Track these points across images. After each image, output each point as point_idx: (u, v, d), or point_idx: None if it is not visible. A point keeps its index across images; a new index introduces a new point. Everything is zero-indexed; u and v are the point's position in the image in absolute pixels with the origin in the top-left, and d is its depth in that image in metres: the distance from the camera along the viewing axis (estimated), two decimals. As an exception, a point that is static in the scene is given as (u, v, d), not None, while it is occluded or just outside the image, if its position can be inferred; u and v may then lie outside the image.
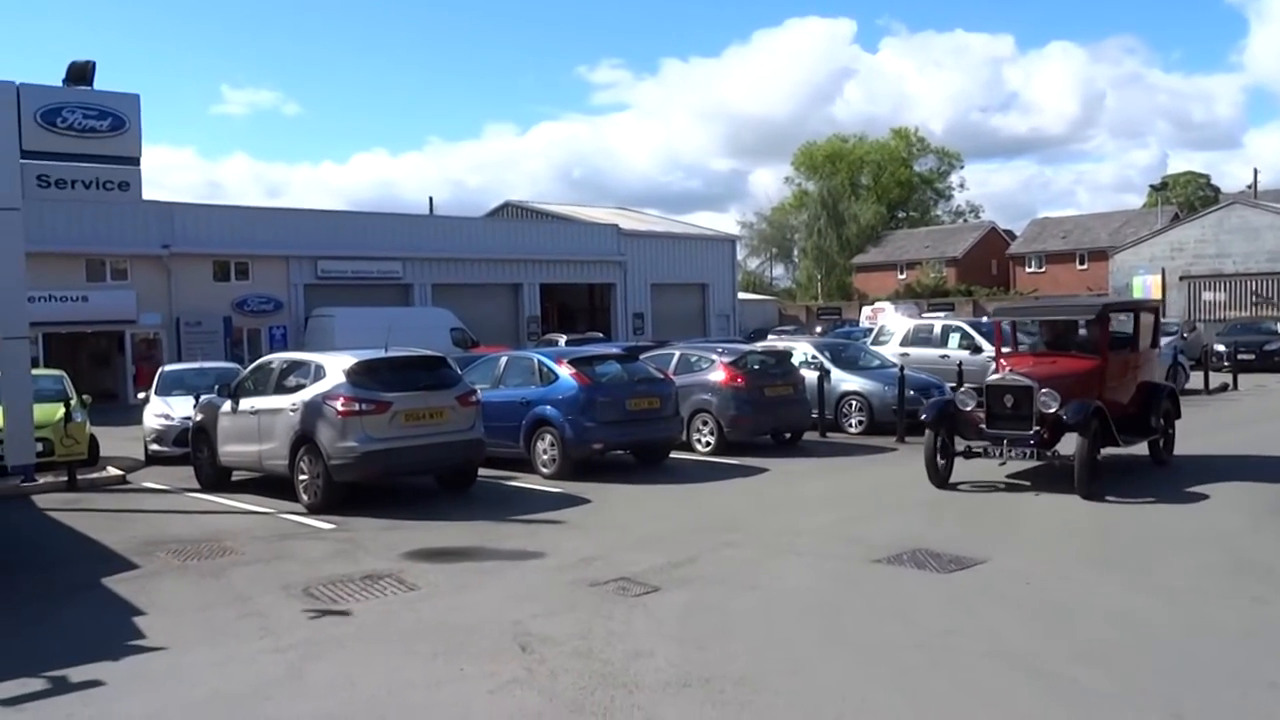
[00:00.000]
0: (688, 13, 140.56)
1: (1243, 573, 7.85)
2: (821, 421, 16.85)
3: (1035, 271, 63.70)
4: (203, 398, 14.01)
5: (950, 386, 14.68)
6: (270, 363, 13.26)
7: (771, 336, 34.27)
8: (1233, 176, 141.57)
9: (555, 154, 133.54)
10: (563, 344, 28.39)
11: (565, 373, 13.63)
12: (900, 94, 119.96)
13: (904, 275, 68.14)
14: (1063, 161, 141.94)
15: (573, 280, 42.92)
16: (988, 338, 19.81)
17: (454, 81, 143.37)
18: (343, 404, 11.21)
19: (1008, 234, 72.29)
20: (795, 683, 5.71)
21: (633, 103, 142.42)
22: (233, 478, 13.39)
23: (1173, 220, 50.42)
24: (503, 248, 39.90)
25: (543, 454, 13.46)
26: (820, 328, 46.40)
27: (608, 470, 13.66)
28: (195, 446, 13.58)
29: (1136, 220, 60.21)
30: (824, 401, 16.92)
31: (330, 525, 10.62)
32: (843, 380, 17.51)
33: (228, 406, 12.81)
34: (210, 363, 20.54)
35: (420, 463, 11.83)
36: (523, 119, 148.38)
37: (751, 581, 7.98)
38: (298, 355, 13.47)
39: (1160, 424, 12.56)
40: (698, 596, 7.55)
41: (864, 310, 48.68)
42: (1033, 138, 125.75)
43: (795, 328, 51.05)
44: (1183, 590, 7.43)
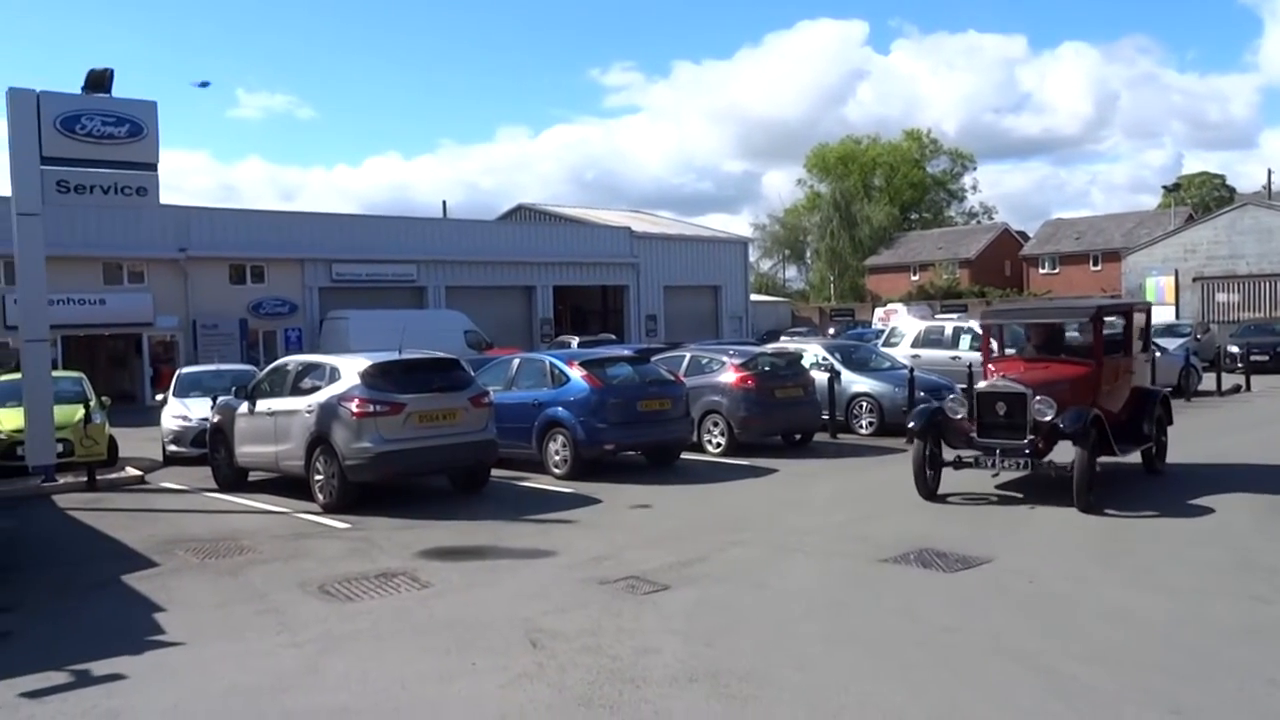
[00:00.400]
0: (699, 15, 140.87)
1: (1245, 572, 7.92)
2: (832, 423, 16.94)
3: (1049, 273, 63.59)
4: (220, 399, 14.19)
5: (960, 388, 14.58)
6: (286, 365, 13.43)
7: (784, 338, 34.36)
8: (1248, 177, 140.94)
9: (568, 156, 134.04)
10: (575, 346, 28.57)
11: (577, 375, 13.77)
12: (913, 95, 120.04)
13: (917, 277, 68.08)
14: (1077, 162, 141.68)
15: (585, 282, 43.09)
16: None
17: (466, 85, 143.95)
18: (357, 405, 11.38)
19: (1021, 235, 72.18)
20: (800, 678, 5.82)
21: (645, 105, 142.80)
22: (249, 478, 13.57)
23: (1186, 221, 50.28)
24: (516, 250, 40.10)
25: (554, 455, 13.59)
26: (833, 329, 46.43)
27: (619, 471, 13.79)
28: (213, 447, 13.76)
29: (1151, 221, 60.03)
30: (834, 403, 17.01)
31: (345, 525, 10.78)
32: (853, 382, 17.60)
33: (244, 408, 12.99)
34: (227, 365, 20.80)
35: (433, 463, 11.98)
36: (535, 122, 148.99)
37: (759, 580, 8.09)
38: (313, 357, 13.66)
39: (1153, 431, 12.09)
40: (706, 594, 7.67)
41: (877, 312, 48.72)
42: (1046, 138, 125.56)
43: (808, 329, 51.13)
44: (1185, 589, 7.51)
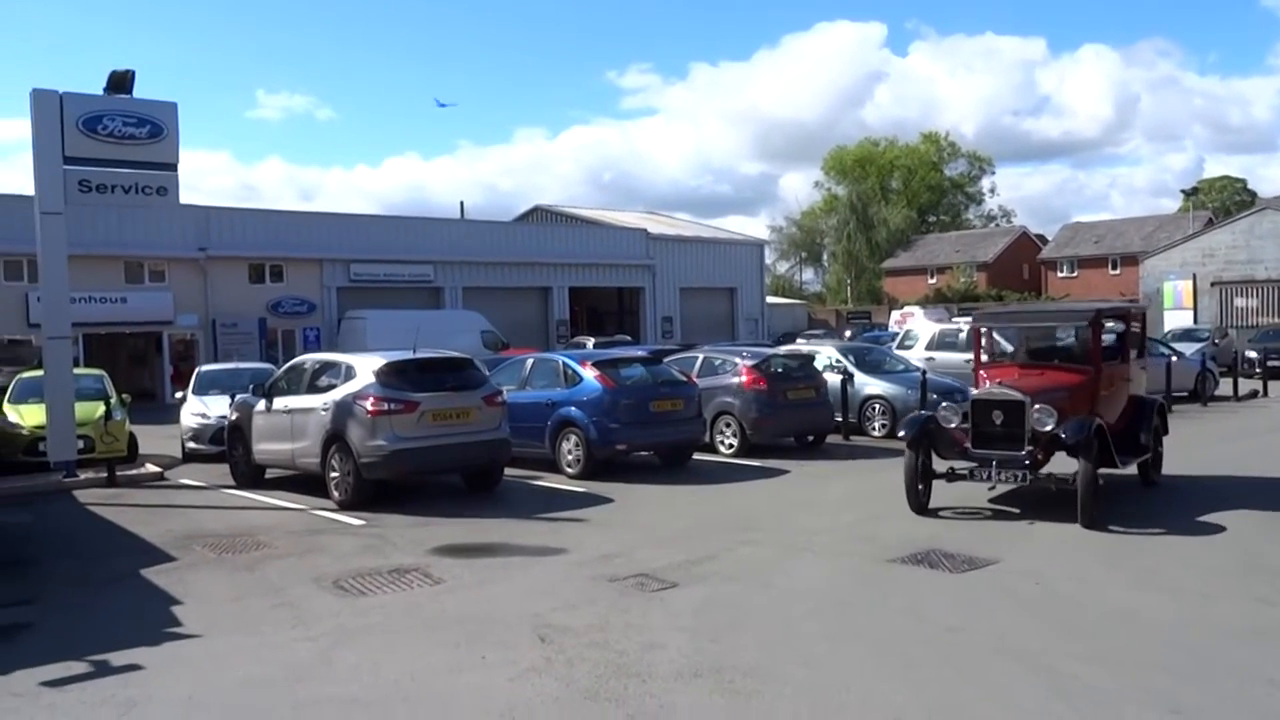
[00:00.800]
0: (717, 17, 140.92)
1: (1251, 575, 7.94)
2: (845, 425, 17.00)
3: (1067, 276, 63.34)
4: (238, 397, 14.36)
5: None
6: (303, 363, 13.60)
7: (800, 340, 34.38)
8: (1270, 180, 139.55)
9: (585, 158, 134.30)
10: (591, 347, 28.67)
11: (590, 375, 13.87)
12: (931, 97, 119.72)
13: (934, 280, 67.93)
14: (1097, 165, 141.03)
15: (602, 284, 43.20)
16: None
17: (484, 86, 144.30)
18: (372, 404, 11.52)
19: (1040, 238, 71.90)
20: (803, 674, 5.90)
21: (662, 107, 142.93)
22: (266, 475, 13.73)
23: (1206, 225, 49.98)
24: (532, 251, 40.26)
25: (567, 454, 13.70)
26: (849, 332, 46.39)
27: (631, 471, 13.88)
28: (230, 444, 13.94)
29: (1171, 225, 59.71)
30: (847, 405, 17.06)
31: (360, 521, 10.92)
32: (866, 384, 17.63)
33: (262, 406, 13.15)
34: (245, 363, 21.03)
35: (447, 461, 12.10)
36: (553, 123, 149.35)
37: (767, 579, 8.17)
38: (329, 356, 13.81)
39: (1150, 442, 11.52)
40: (714, 592, 7.76)
41: (893, 314, 48.62)
42: (1066, 141, 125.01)
43: (824, 331, 51.06)
44: (1190, 591, 7.55)
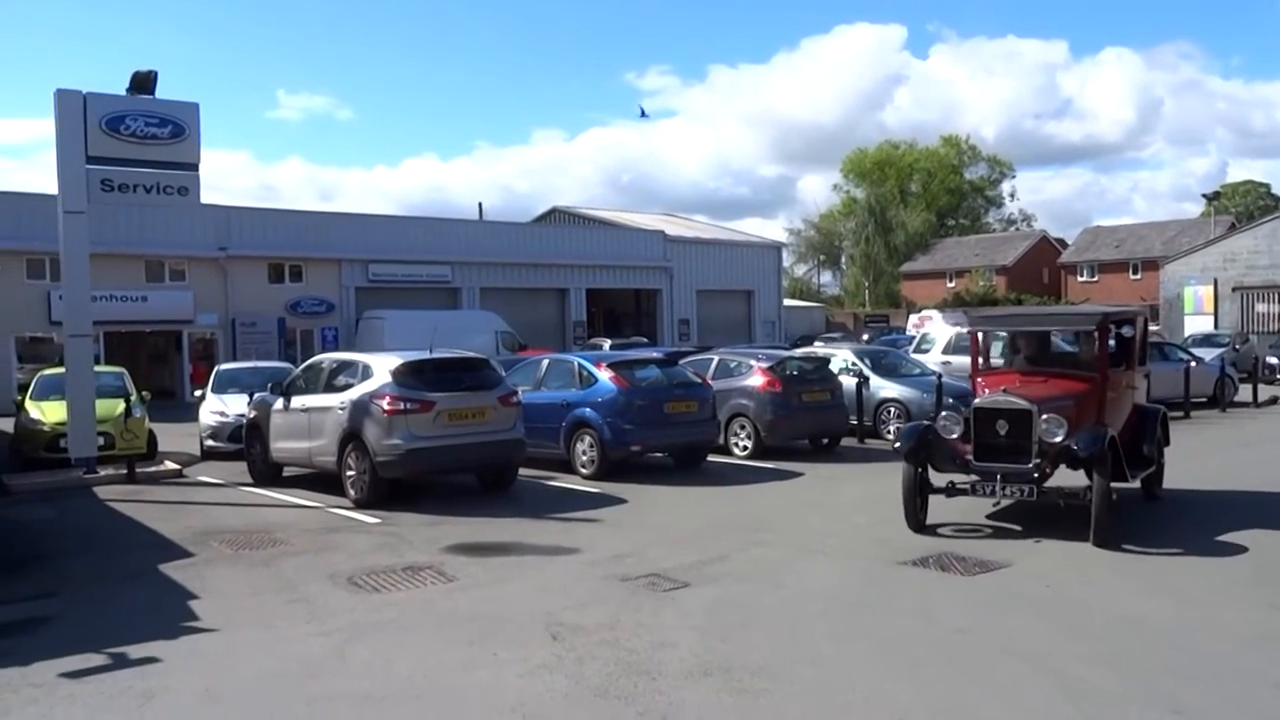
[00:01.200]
0: (735, 19, 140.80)
1: (1264, 584, 7.90)
2: (860, 428, 17.00)
3: (1087, 281, 63.02)
4: (256, 396, 14.49)
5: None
6: (321, 363, 13.72)
7: (818, 343, 34.36)
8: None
9: (603, 159, 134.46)
10: (607, 348, 28.75)
11: (605, 376, 13.94)
12: (951, 100, 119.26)
13: (953, 283, 67.66)
14: (1119, 169, 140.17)
15: (619, 285, 43.27)
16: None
17: (503, 88, 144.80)
18: (389, 403, 11.61)
19: (1060, 243, 71.53)
20: (811, 673, 5.94)
21: (681, 109, 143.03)
22: (284, 473, 13.85)
23: (1229, 230, 49.65)
24: (550, 253, 40.36)
25: (582, 455, 13.77)
26: (866, 335, 46.30)
27: (645, 472, 13.93)
28: (248, 442, 14.07)
29: (1192, 230, 59.28)
30: (862, 408, 17.07)
31: (375, 520, 11.02)
32: (881, 387, 17.62)
33: (280, 404, 13.28)
34: (264, 362, 21.22)
35: (462, 461, 12.19)
36: (571, 125, 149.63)
37: (778, 580, 8.21)
38: (347, 355, 13.94)
39: (1154, 453, 10.91)
40: (725, 592, 7.80)
41: (911, 318, 48.48)
42: (1088, 145, 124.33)
43: (842, 335, 50.94)
44: (1201, 597, 7.53)
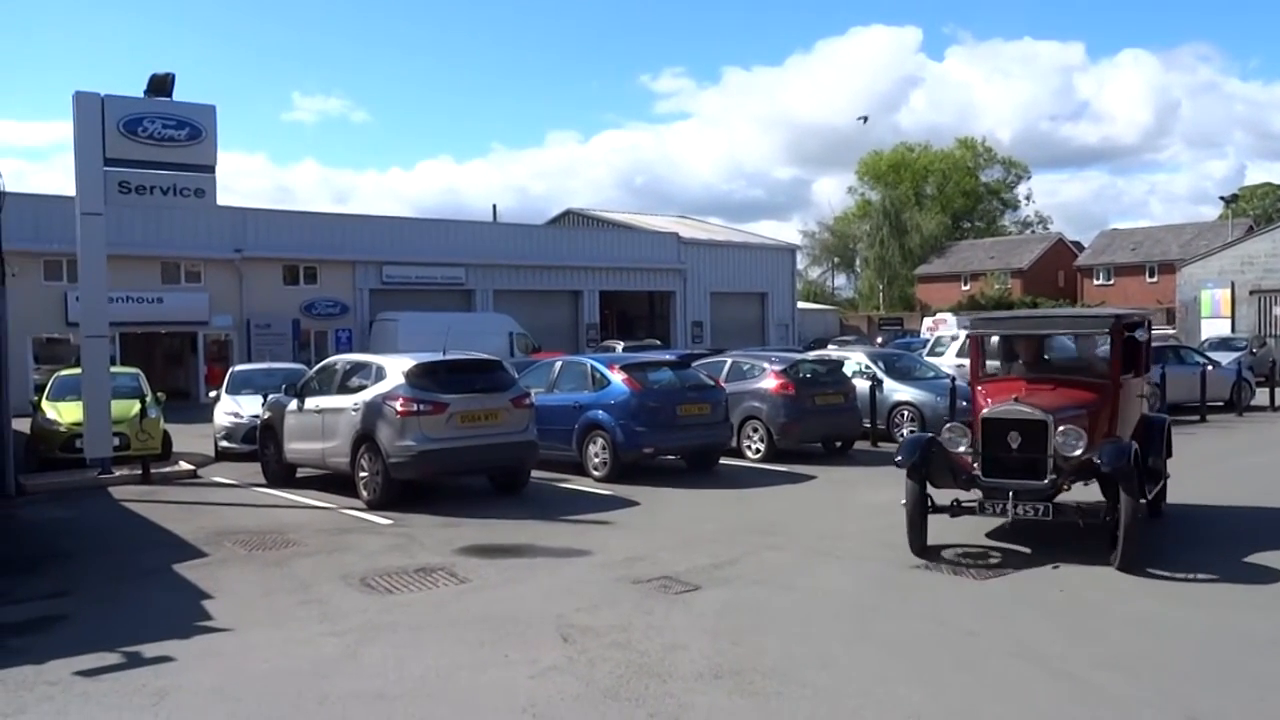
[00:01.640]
0: (750, 21, 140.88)
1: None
2: (873, 431, 16.96)
3: (1103, 284, 62.74)
4: (270, 397, 14.56)
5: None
6: (334, 364, 13.77)
7: (831, 346, 34.30)
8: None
9: (618, 162, 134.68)
10: (620, 351, 28.76)
11: (617, 378, 13.94)
12: (967, 102, 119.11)
13: (968, 286, 67.46)
14: (1136, 172, 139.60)
15: (632, 288, 43.31)
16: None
17: (518, 90, 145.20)
18: (402, 404, 11.65)
19: (1076, 245, 71.22)
20: (822, 676, 5.93)
21: (695, 111, 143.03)
22: (297, 474, 13.91)
23: (1247, 232, 49.36)
24: (563, 255, 40.44)
25: (594, 457, 13.77)
26: (881, 338, 46.19)
27: (658, 474, 13.94)
28: (262, 443, 14.13)
29: (1209, 232, 58.97)
30: (875, 411, 17.02)
31: (388, 521, 11.04)
32: (895, 390, 17.58)
33: (294, 406, 13.33)
34: (278, 363, 21.29)
35: (475, 463, 12.21)
36: (586, 127, 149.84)
37: (790, 582, 8.19)
38: (360, 357, 13.98)
39: (1162, 466, 10.14)
40: (737, 595, 7.79)
41: (925, 321, 48.34)
42: (1105, 147, 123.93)
43: (856, 338, 50.83)
44: (1219, 601, 7.48)
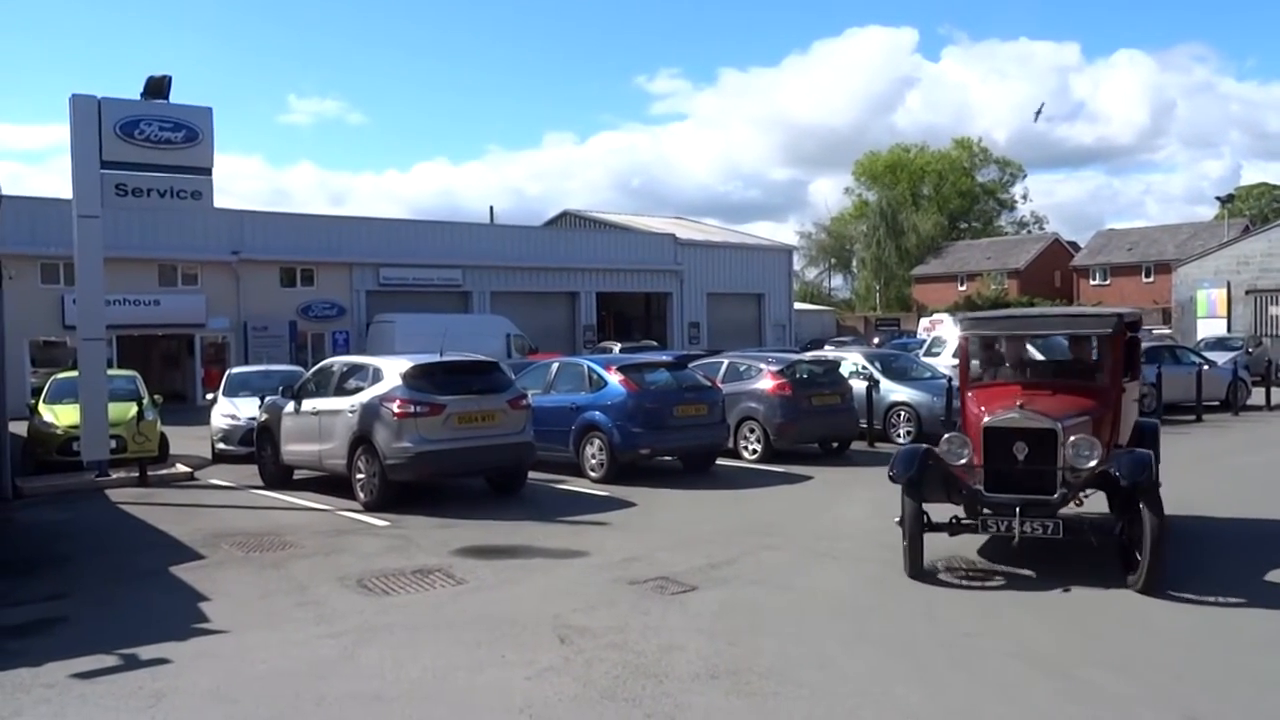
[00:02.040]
0: (746, 23, 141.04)
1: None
2: (870, 431, 16.98)
3: (1099, 284, 62.79)
4: (267, 399, 14.54)
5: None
6: (331, 366, 13.76)
7: (828, 347, 34.30)
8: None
9: (614, 163, 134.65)
10: (617, 352, 28.77)
11: (614, 379, 13.94)
12: (963, 103, 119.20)
13: (964, 287, 67.50)
14: (1131, 172, 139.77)
15: (629, 289, 43.34)
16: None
17: (514, 91, 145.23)
18: (398, 406, 11.64)
19: (1072, 245, 71.28)
20: (819, 676, 5.94)
21: (692, 112, 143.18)
22: (294, 476, 13.90)
23: (1243, 232, 49.44)
24: (560, 256, 40.45)
25: (591, 458, 13.78)
26: (877, 339, 46.23)
27: (654, 475, 13.94)
28: (259, 446, 14.12)
29: (1205, 232, 59.08)
30: (872, 411, 17.04)
31: (385, 522, 11.04)
32: (891, 391, 17.60)
33: (290, 408, 13.32)
34: (275, 365, 21.29)
35: (472, 464, 12.21)
36: (582, 128, 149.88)
37: (786, 583, 8.21)
38: (357, 359, 13.98)
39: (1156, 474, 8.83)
40: (733, 596, 7.80)
41: (922, 322, 48.37)
42: (1100, 148, 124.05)
43: (852, 338, 50.87)
44: (1222, 605, 7.33)
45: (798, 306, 54.12)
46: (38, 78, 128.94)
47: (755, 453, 15.37)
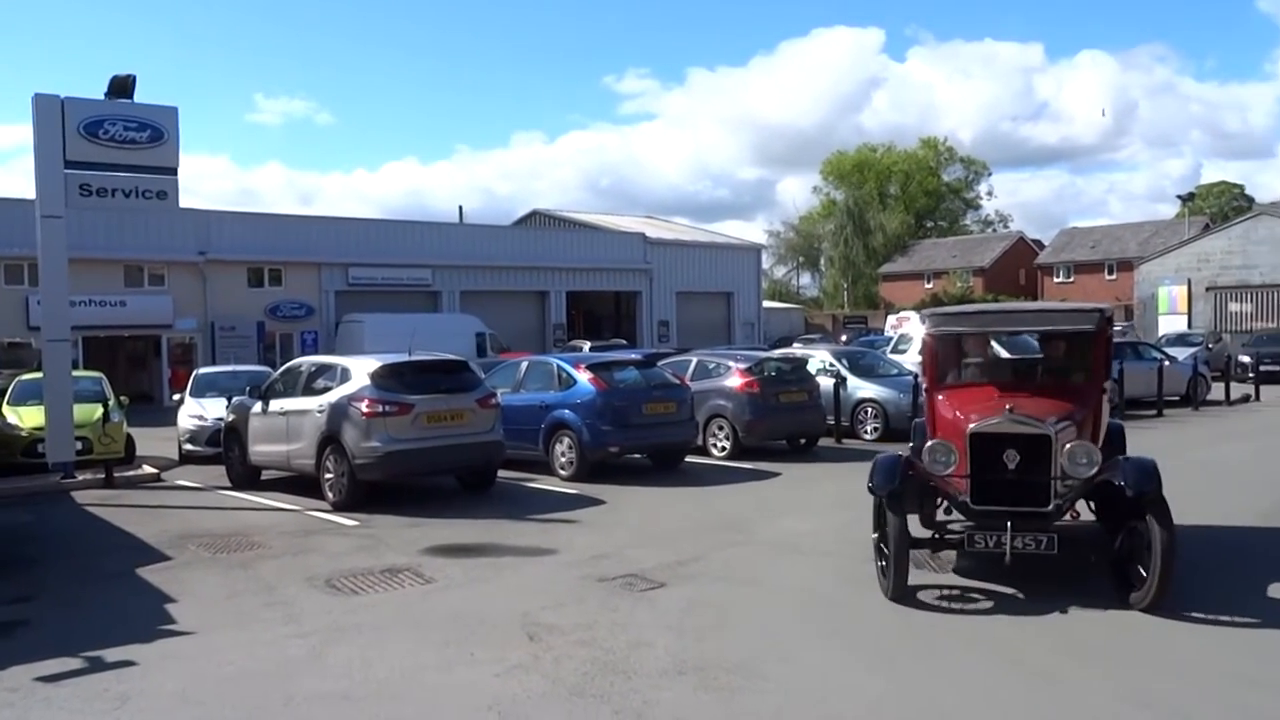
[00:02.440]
0: (714, 23, 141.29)
1: None
2: (837, 428, 17.12)
3: (1063, 281, 63.52)
4: (234, 399, 14.46)
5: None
6: (299, 366, 13.71)
7: (796, 344, 34.49)
8: (1267, 186, 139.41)
9: (583, 163, 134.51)
10: (587, 351, 28.81)
11: (583, 378, 13.99)
12: (929, 103, 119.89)
13: (930, 285, 68.11)
14: (1095, 171, 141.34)
15: (599, 288, 43.36)
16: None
17: (483, 91, 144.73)
18: (367, 405, 11.63)
19: (1036, 244, 72.05)
20: (785, 670, 6.02)
21: (660, 112, 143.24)
22: (262, 476, 13.83)
23: (1203, 230, 50.18)
24: (530, 256, 40.41)
25: (560, 456, 13.81)
26: (845, 336, 46.53)
27: (624, 473, 14.00)
28: (227, 446, 14.04)
29: (1167, 231, 59.92)
30: (839, 408, 17.19)
31: (354, 522, 11.03)
32: (859, 387, 17.76)
33: (258, 408, 13.26)
34: (243, 366, 21.14)
35: (441, 463, 12.21)
36: (551, 128, 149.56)
37: (754, 579, 8.28)
38: (325, 359, 13.94)
39: None
40: (701, 592, 7.87)
41: (889, 319, 48.73)
42: (1064, 147, 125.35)
43: (820, 336, 51.16)
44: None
45: (766, 305, 54.35)
46: (0, 77, 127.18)
47: (724, 450, 15.46)
